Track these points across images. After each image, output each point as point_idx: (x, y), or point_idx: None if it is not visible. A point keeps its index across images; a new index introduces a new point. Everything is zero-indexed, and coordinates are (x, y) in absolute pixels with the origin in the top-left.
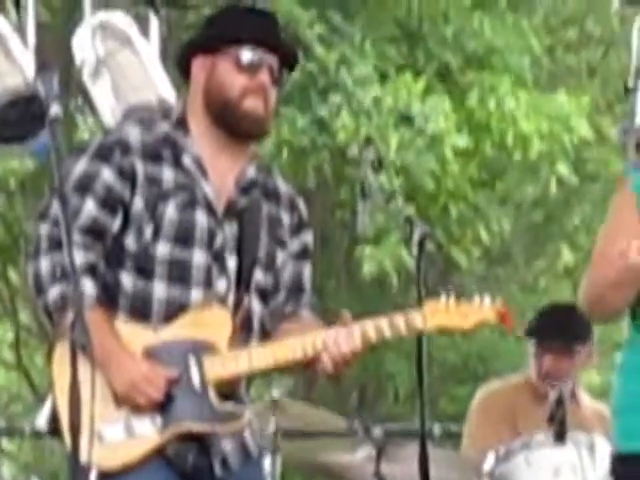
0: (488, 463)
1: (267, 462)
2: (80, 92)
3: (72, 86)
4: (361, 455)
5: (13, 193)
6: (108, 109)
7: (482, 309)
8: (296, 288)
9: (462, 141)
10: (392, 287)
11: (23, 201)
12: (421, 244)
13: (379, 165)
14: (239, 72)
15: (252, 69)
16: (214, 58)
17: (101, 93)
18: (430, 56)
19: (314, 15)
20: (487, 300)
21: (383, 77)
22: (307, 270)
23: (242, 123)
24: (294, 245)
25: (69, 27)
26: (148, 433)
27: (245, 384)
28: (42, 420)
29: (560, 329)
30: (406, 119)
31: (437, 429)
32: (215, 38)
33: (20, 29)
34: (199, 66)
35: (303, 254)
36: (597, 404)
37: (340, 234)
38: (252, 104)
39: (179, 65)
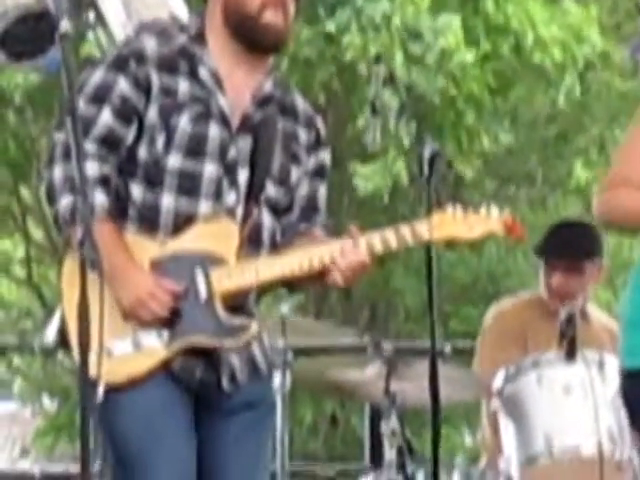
0: (498, 381)
1: (276, 378)
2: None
3: (83, 2)
4: (371, 372)
5: (24, 109)
6: (119, 26)
7: (489, 220)
8: (310, 207)
9: (470, 56)
10: (399, 205)
11: (34, 118)
12: (431, 162)
13: (390, 81)
14: None
15: None
16: None
17: (112, 9)
18: None
19: None
20: (494, 211)
21: None
22: (322, 189)
23: (261, 36)
24: (310, 163)
25: None
26: (155, 347)
27: (254, 299)
28: (50, 333)
29: (568, 246)
30: (414, 35)
31: (447, 347)
32: None
33: None
34: None
35: (319, 173)
36: (607, 319)
37: (352, 150)
38: (272, 17)
39: None
